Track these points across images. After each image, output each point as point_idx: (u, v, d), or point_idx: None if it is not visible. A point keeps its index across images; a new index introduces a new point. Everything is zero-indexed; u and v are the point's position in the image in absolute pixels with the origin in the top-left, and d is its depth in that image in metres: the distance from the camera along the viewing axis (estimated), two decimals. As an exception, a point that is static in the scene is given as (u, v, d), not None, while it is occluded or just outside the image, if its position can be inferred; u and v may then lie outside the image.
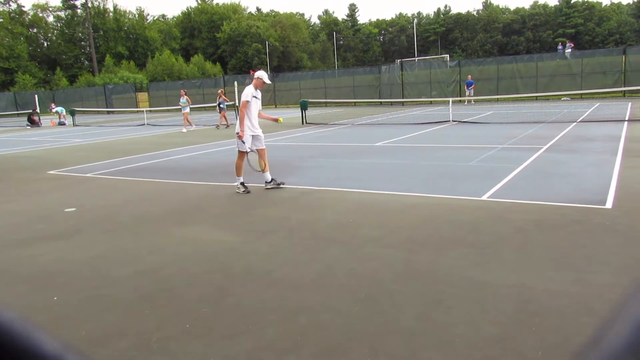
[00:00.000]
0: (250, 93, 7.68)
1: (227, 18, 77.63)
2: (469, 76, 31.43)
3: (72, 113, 30.34)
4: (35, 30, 72.11)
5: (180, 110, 22.22)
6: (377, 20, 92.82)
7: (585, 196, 6.32)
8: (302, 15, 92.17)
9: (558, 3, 77.96)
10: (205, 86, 43.55)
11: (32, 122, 30.03)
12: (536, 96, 28.35)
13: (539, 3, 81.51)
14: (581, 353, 0.32)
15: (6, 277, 4.59)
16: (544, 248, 4.55)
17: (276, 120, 8.37)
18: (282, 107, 38.09)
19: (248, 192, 7.64)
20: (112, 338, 3.30)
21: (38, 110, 32.25)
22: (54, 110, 31.36)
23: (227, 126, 21.40)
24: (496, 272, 4.07)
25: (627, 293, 0.34)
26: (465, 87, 31.01)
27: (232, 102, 23.39)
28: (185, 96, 21.84)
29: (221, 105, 21.89)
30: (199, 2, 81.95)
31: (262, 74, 7.89)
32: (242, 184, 7.69)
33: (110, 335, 3.34)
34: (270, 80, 44.47)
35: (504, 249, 4.58)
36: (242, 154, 7.74)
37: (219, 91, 22.96)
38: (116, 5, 73.21)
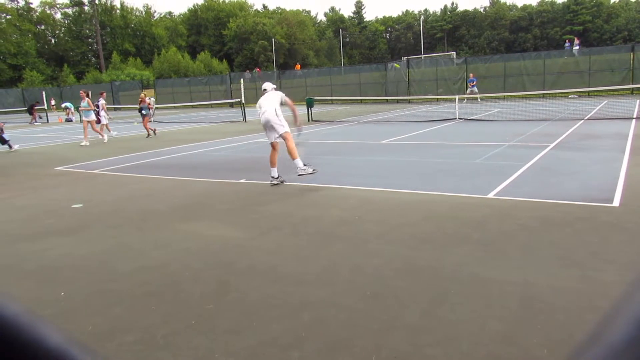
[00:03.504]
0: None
1: (234, 15, 77.72)
2: (471, 74, 31.07)
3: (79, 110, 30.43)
4: (43, 27, 72.48)
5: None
6: (384, 17, 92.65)
7: (592, 194, 6.29)
8: (309, 12, 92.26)
9: (566, 0, 77.40)
10: (211, 83, 43.64)
11: (31, 114, 30.07)
12: (543, 94, 28.17)
13: (546, 0, 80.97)
14: (581, 348, 0.32)
15: (13, 271, 4.63)
16: (549, 245, 4.53)
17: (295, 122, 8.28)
18: (288, 104, 38.05)
19: (283, 181, 7.94)
20: (118, 332, 3.32)
21: (45, 107, 32.35)
22: (62, 105, 31.43)
23: (149, 135, 17.56)
24: (501, 269, 4.05)
25: (627, 288, 0.34)
26: (469, 84, 30.58)
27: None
28: (87, 98, 16.22)
29: (143, 112, 17.96)
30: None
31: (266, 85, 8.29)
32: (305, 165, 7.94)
33: (117, 329, 3.36)
34: (277, 77, 44.18)
35: (509, 246, 4.57)
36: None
37: (142, 94, 18.98)
38: (123, 3, 73.33)
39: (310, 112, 21.30)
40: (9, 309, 0.33)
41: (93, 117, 16.35)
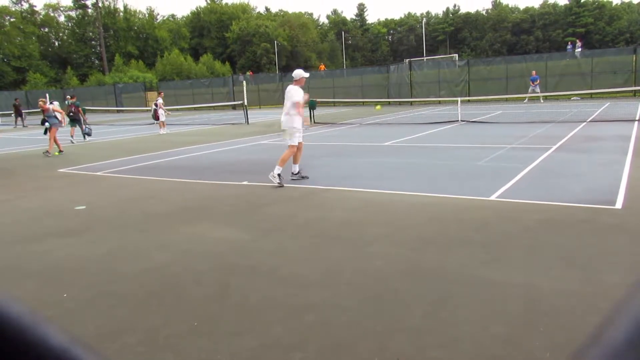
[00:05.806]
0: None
1: (236, 18, 77.90)
2: (534, 71, 29.02)
3: (83, 112, 30.46)
4: (46, 29, 72.73)
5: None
6: (386, 19, 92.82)
7: (594, 196, 6.28)
8: (311, 14, 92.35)
9: (568, 2, 77.37)
10: (213, 85, 43.71)
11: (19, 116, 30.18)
12: (546, 96, 28.10)
13: (548, 2, 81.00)
14: (582, 349, 0.32)
15: (16, 272, 4.64)
16: (552, 247, 4.53)
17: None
18: (291, 106, 38.02)
19: (281, 186, 7.84)
20: (120, 334, 3.33)
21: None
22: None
23: (51, 152, 13.82)
24: (504, 271, 4.05)
25: (628, 289, 0.34)
26: (531, 83, 28.32)
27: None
28: None
29: (47, 123, 14.11)
30: (208, 1, 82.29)
31: (299, 73, 8.49)
32: (279, 175, 7.92)
33: (119, 331, 3.37)
34: (279, 80, 43.76)
35: (512, 248, 4.56)
36: (293, 147, 8.12)
37: (40, 101, 14.78)
38: (126, 5, 73.85)
39: (312, 114, 21.32)
40: (12, 308, 0.33)
41: None
